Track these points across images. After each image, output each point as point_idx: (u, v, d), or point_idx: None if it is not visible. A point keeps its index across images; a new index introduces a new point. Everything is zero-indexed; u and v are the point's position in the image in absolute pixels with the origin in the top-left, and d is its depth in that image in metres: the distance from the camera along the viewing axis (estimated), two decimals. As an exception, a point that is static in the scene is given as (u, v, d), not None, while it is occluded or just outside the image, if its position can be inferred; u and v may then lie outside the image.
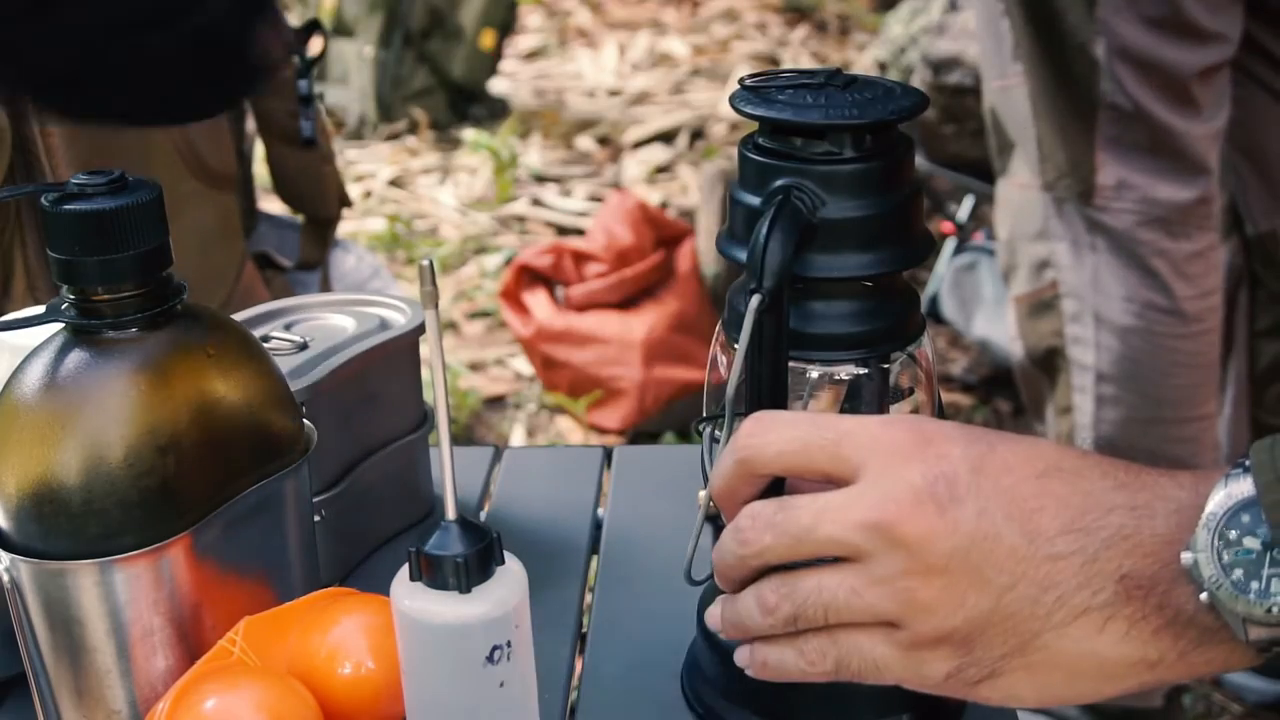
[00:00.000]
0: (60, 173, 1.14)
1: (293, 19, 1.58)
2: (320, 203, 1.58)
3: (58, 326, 0.66)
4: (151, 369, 0.65)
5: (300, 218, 1.61)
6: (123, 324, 0.65)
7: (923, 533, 0.56)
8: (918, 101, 0.64)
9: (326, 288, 1.60)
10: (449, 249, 3.16)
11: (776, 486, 0.62)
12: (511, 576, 0.60)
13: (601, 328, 2.50)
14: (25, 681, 0.69)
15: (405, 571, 0.60)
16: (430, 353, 0.59)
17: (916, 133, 2.63)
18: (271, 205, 1.71)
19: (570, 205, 3.38)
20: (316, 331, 0.87)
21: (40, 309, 0.67)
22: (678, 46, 4.37)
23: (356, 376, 0.84)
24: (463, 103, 3.89)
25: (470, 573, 0.59)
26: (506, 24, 3.91)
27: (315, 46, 1.55)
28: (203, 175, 1.32)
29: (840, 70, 0.66)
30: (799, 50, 4.31)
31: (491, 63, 3.89)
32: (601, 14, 4.78)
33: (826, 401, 0.69)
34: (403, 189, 3.51)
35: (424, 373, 0.91)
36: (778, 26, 4.56)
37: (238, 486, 0.69)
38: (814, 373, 0.67)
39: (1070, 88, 1.51)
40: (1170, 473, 0.58)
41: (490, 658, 0.59)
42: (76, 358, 0.65)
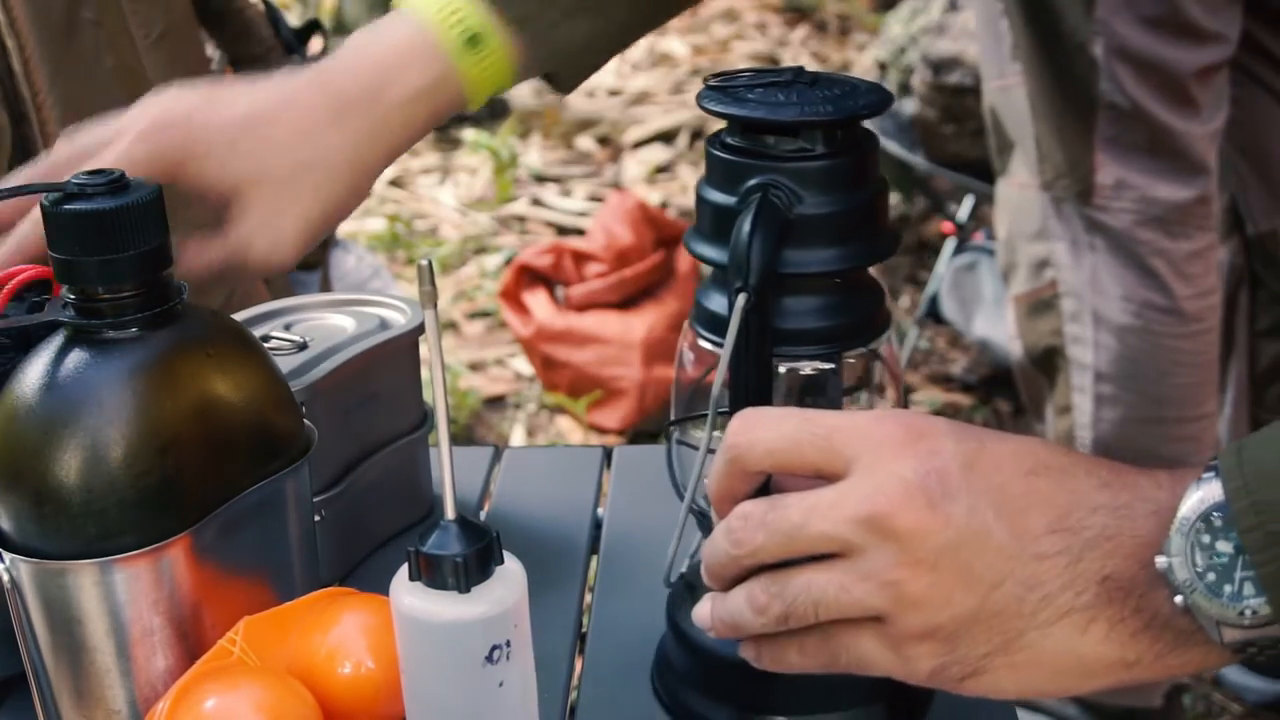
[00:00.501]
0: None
1: (293, 19, 1.58)
2: (320, 203, 1.57)
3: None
4: (151, 369, 0.65)
5: (300, 218, 1.60)
6: (123, 324, 0.65)
7: (913, 526, 0.56)
8: (884, 97, 0.65)
9: (326, 288, 1.60)
10: (449, 249, 3.16)
11: (766, 488, 0.62)
12: (511, 576, 0.60)
13: (601, 328, 2.50)
14: (25, 681, 0.69)
15: (405, 571, 0.60)
16: (430, 353, 0.59)
17: (917, 133, 2.63)
18: (271, 205, 1.71)
19: (570, 205, 3.38)
20: (316, 331, 0.87)
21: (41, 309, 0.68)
22: (678, 46, 4.38)
23: (356, 376, 0.84)
24: (463, 103, 3.89)
25: (469, 572, 0.59)
26: (506, 24, 3.90)
27: (315, 46, 1.55)
28: (203, 175, 1.32)
29: (803, 68, 0.67)
30: (799, 50, 4.31)
31: (492, 63, 3.89)
32: (601, 14, 4.77)
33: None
34: (403, 189, 3.51)
35: (424, 372, 0.91)
36: (778, 26, 4.56)
37: (238, 486, 0.69)
38: (782, 368, 0.68)
39: (1069, 87, 1.51)
40: (1149, 472, 0.58)
41: (489, 657, 0.59)
42: (77, 357, 0.65)
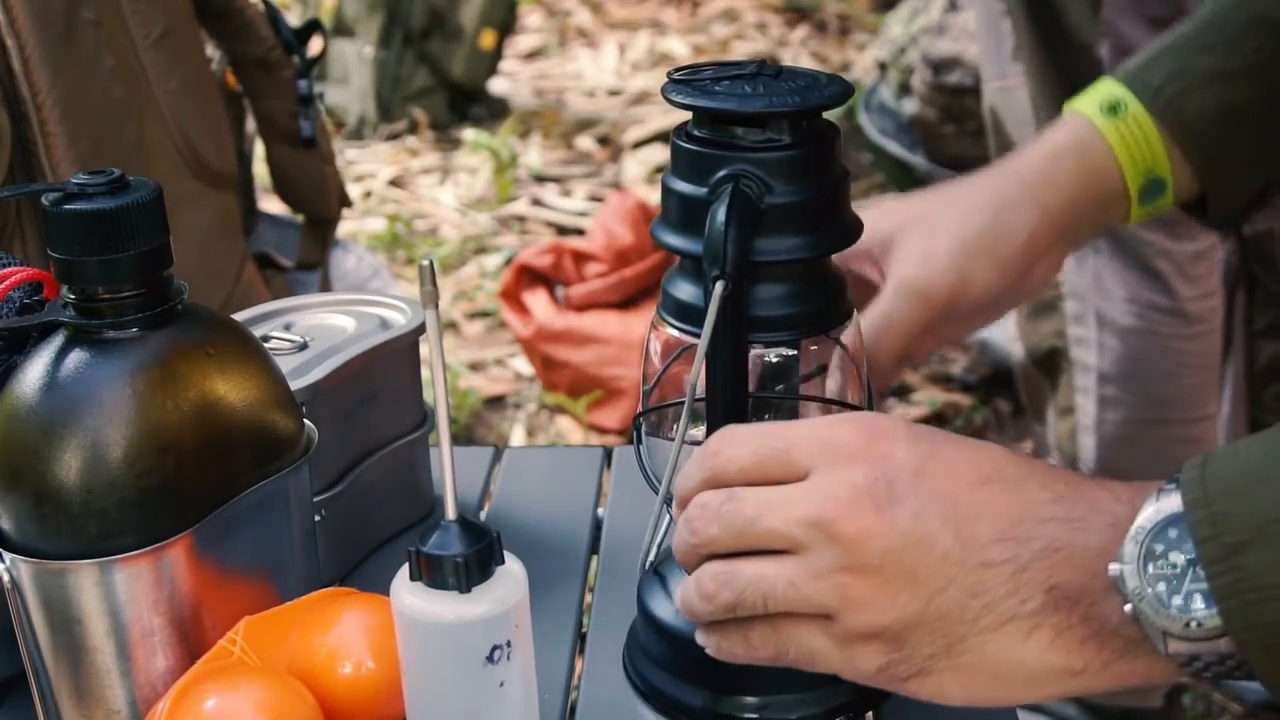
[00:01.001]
0: (60, 172, 1.14)
1: (293, 19, 1.58)
2: (320, 203, 1.58)
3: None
4: (152, 369, 0.65)
5: (300, 218, 1.61)
6: (123, 324, 0.65)
7: (858, 530, 0.57)
8: (846, 88, 0.66)
9: (326, 288, 1.60)
10: (449, 249, 3.16)
11: None
12: (511, 576, 0.61)
13: (601, 328, 2.50)
14: (25, 681, 0.69)
15: (405, 571, 0.60)
16: (430, 353, 0.59)
17: (917, 133, 2.63)
18: (271, 205, 1.71)
19: (570, 205, 3.38)
20: (316, 331, 0.87)
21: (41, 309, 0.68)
22: (678, 46, 4.38)
23: (357, 376, 0.84)
24: (463, 103, 3.89)
25: (470, 572, 0.59)
26: (506, 24, 3.90)
27: (315, 46, 1.55)
28: (203, 175, 1.32)
29: (765, 61, 0.68)
30: (799, 50, 4.31)
31: (491, 63, 3.89)
32: (601, 14, 4.78)
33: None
34: (403, 189, 3.51)
35: (424, 372, 0.91)
36: (778, 26, 4.56)
37: (238, 486, 0.69)
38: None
39: (1072, 89, 1.51)
40: (1109, 485, 0.59)
41: (490, 657, 0.59)
42: (77, 357, 0.65)
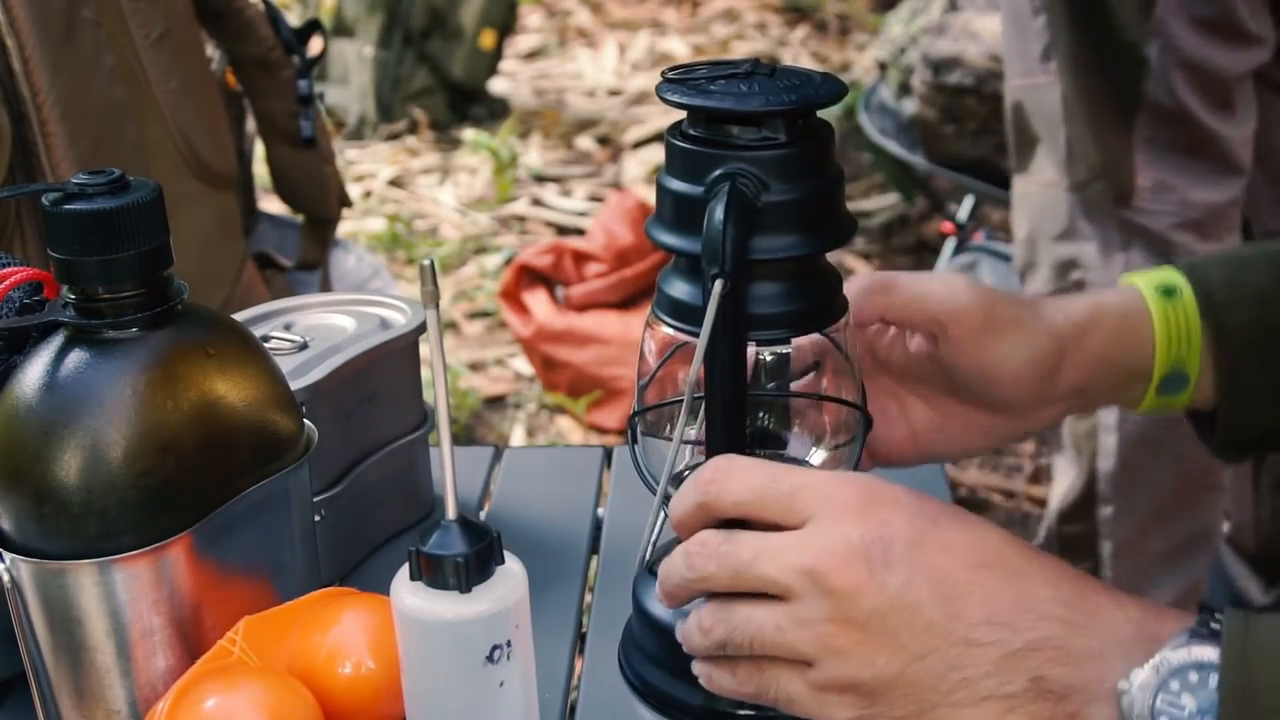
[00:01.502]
0: (60, 173, 1.14)
1: (293, 19, 1.58)
2: (320, 203, 1.58)
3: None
4: (152, 369, 0.65)
5: (300, 218, 1.61)
6: (123, 324, 0.65)
7: (849, 586, 0.59)
8: (841, 86, 0.66)
9: (326, 288, 1.60)
10: (449, 249, 3.16)
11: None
12: (511, 576, 0.60)
13: (601, 328, 2.50)
14: (25, 681, 0.69)
15: (405, 571, 0.60)
16: (431, 353, 0.59)
17: (917, 133, 2.62)
18: (271, 205, 1.71)
19: (570, 205, 3.38)
20: (316, 331, 0.87)
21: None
22: (678, 46, 4.37)
23: (357, 376, 0.84)
24: (463, 103, 3.89)
25: (470, 572, 0.59)
26: (506, 24, 3.90)
27: (315, 46, 1.55)
28: (203, 175, 1.32)
29: (759, 60, 0.68)
30: (799, 50, 4.31)
31: (491, 63, 3.89)
32: (601, 14, 4.78)
33: None
34: (403, 189, 3.51)
35: (424, 372, 0.91)
36: (778, 26, 4.56)
37: (238, 486, 0.69)
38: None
39: (1110, 87, 1.49)
40: (1115, 597, 0.60)
41: (490, 657, 0.59)
42: (77, 357, 0.65)
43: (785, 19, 4.62)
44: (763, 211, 0.65)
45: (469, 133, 3.69)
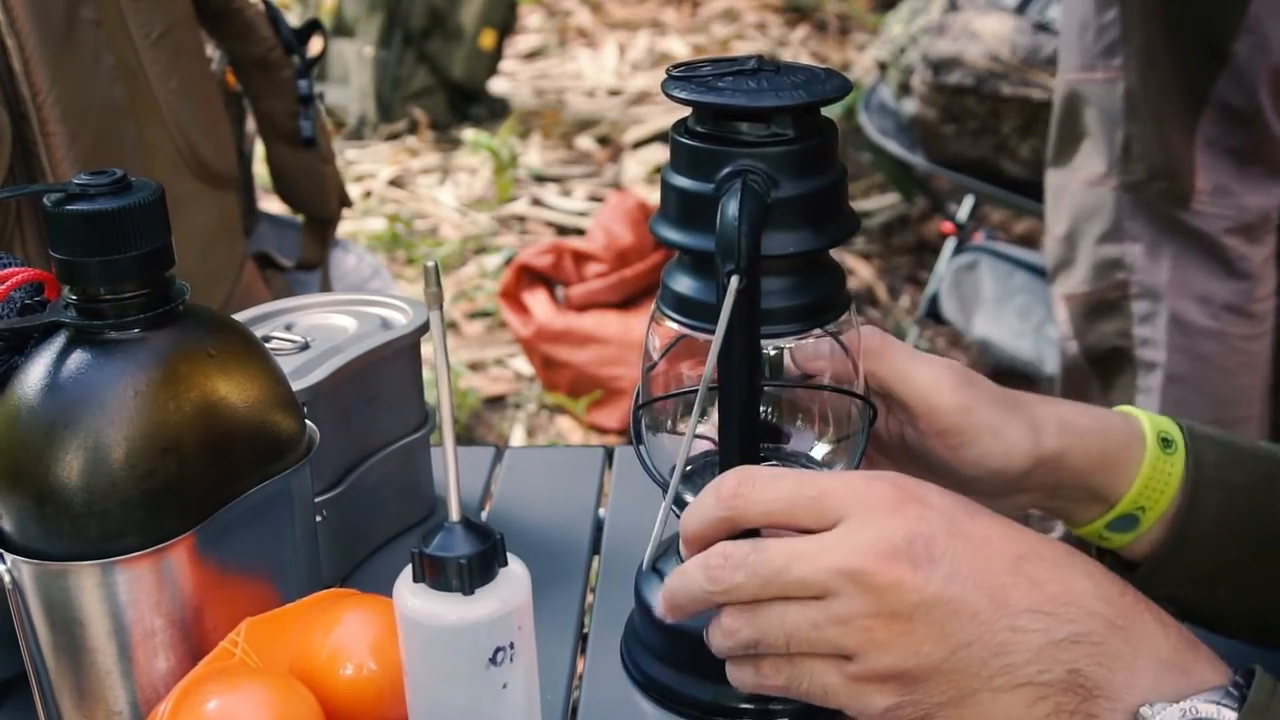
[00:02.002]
0: (60, 173, 1.14)
1: (293, 19, 1.58)
2: (320, 203, 1.57)
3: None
4: (153, 369, 0.65)
5: (300, 218, 1.60)
6: (125, 324, 0.65)
7: (892, 582, 0.59)
8: (846, 82, 0.67)
9: (326, 288, 1.60)
10: (449, 249, 3.16)
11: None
12: (514, 578, 0.60)
13: (601, 328, 2.50)
14: (26, 682, 0.69)
15: (408, 573, 0.60)
16: (435, 354, 0.59)
17: (917, 133, 2.62)
18: (271, 205, 1.71)
19: (570, 205, 3.38)
20: (317, 332, 0.87)
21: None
22: (678, 46, 4.37)
23: (358, 377, 0.84)
24: (463, 103, 3.89)
25: (473, 574, 0.58)
26: (506, 24, 3.90)
27: (315, 46, 1.55)
28: (203, 175, 1.32)
29: (763, 57, 0.68)
30: (799, 50, 4.31)
31: (491, 63, 3.89)
32: (601, 14, 4.78)
33: None
34: (403, 189, 3.51)
35: (425, 373, 0.91)
36: (778, 26, 4.56)
37: (239, 487, 0.69)
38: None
39: (1179, 84, 1.48)
40: (1156, 612, 0.60)
41: (493, 659, 0.59)
42: (78, 358, 0.65)
43: (785, 19, 4.62)
44: (772, 208, 0.65)
45: (469, 133, 3.69)
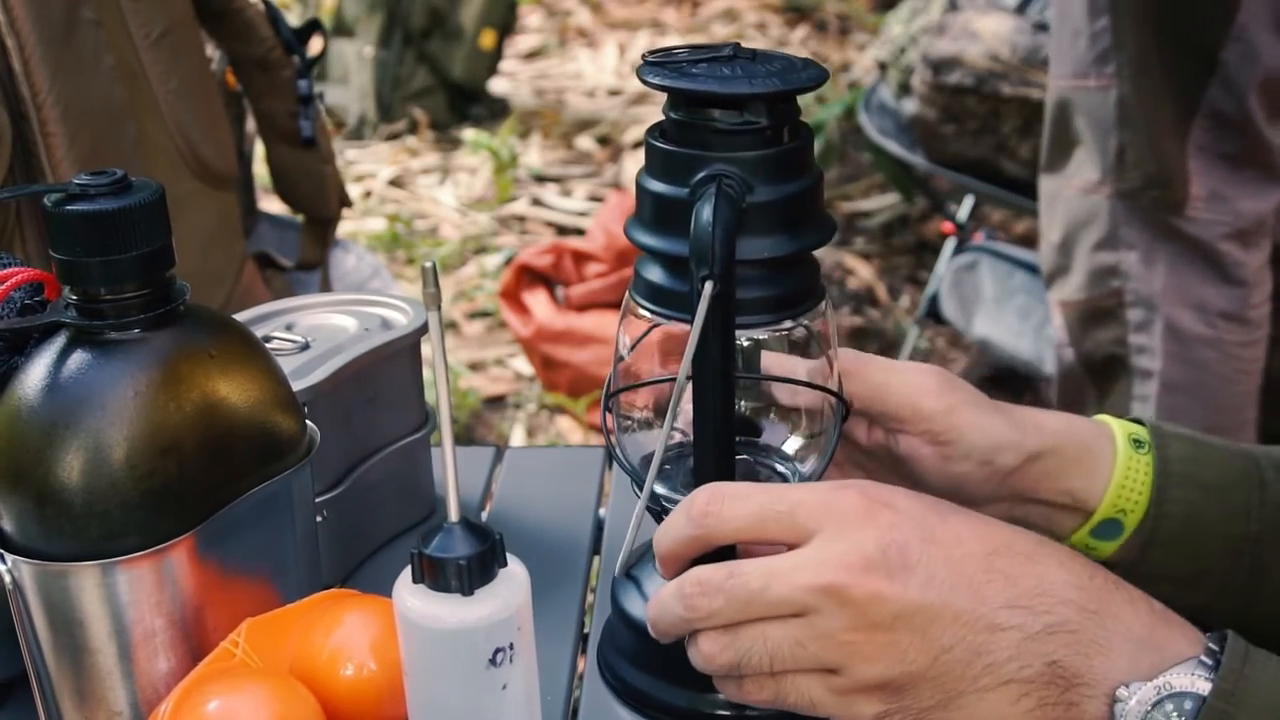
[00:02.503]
0: (60, 173, 1.14)
1: (293, 19, 1.58)
2: (320, 203, 1.57)
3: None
4: (154, 370, 0.65)
5: (300, 218, 1.60)
6: (125, 325, 0.65)
7: (870, 595, 0.59)
8: (822, 71, 0.66)
9: (326, 288, 1.60)
10: (449, 249, 3.16)
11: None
12: (514, 579, 0.60)
13: (601, 328, 2.50)
14: (27, 682, 0.69)
15: (408, 573, 0.60)
16: (433, 354, 0.59)
17: (916, 133, 2.62)
18: (271, 205, 1.71)
19: (570, 205, 3.38)
20: (318, 332, 0.87)
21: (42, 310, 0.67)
22: (677, 46, 4.37)
23: (358, 377, 0.84)
24: (463, 103, 3.89)
25: (473, 575, 0.58)
26: (506, 24, 3.90)
27: (315, 46, 1.55)
28: (203, 175, 1.32)
29: (740, 44, 0.68)
30: (799, 50, 4.30)
31: (491, 63, 3.89)
32: (601, 14, 4.78)
33: None
34: (403, 189, 3.51)
35: (425, 373, 0.91)
36: (778, 26, 4.56)
37: (240, 487, 0.69)
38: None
39: (1171, 91, 1.48)
40: (1127, 591, 0.61)
41: (493, 660, 0.59)
42: (79, 358, 0.65)
43: (785, 19, 4.62)
44: (747, 212, 0.65)
45: (469, 133, 3.69)
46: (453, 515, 0.59)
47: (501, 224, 3.30)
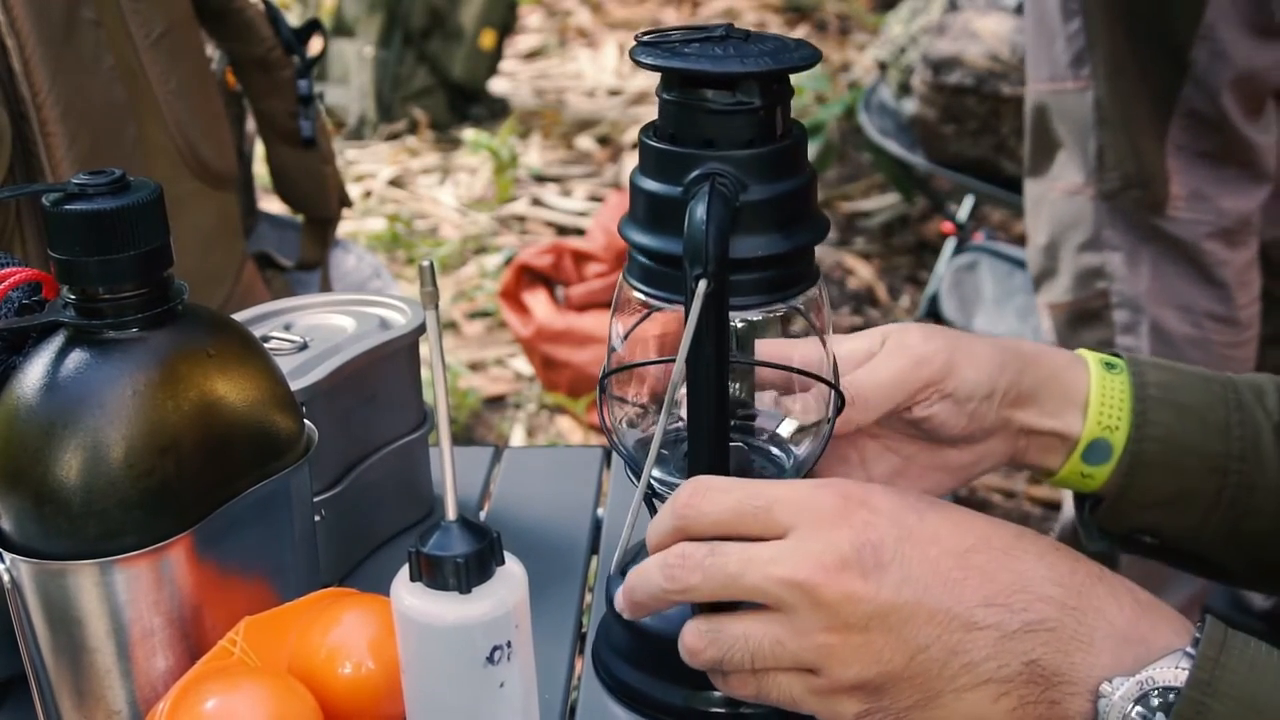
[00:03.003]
0: (60, 173, 1.14)
1: (293, 19, 1.58)
2: (320, 203, 1.57)
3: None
4: (152, 369, 0.65)
5: (300, 218, 1.61)
6: (123, 324, 0.65)
7: (843, 595, 0.59)
8: (814, 51, 0.67)
9: (326, 288, 1.60)
10: (449, 249, 3.16)
11: None
12: (512, 577, 0.60)
13: (601, 328, 2.50)
14: (25, 681, 0.69)
15: (405, 572, 0.60)
16: (432, 354, 0.59)
17: (916, 133, 2.63)
18: (271, 205, 1.71)
19: (570, 205, 3.38)
20: (317, 331, 0.87)
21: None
22: (678, 46, 4.37)
23: (357, 376, 0.84)
24: (463, 103, 3.89)
25: (470, 573, 0.59)
26: (506, 24, 3.91)
27: (315, 46, 1.55)
28: (203, 175, 1.32)
29: (733, 25, 0.68)
30: (799, 50, 4.31)
31: (491, 63, 3.89)
32: (601, 14, 4.78)
33: None
34: (403, 189, 3.51)
35: (424, 372, 0.91)
36: (778, 26, 4.57)
37: (238, 487, 0.69)
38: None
39: (1146, 92, 1.48)
40: (1109, 584, 0.61)
41: (490, 658, 0.59)
42: (77, 358, 0.65)
43: (785, 19, 4.62)
44: (741, 211, 0.65)
45: (469, 133, 3.69)
46: (450, 514, 0.59)
47: (501, 224, 3.31)
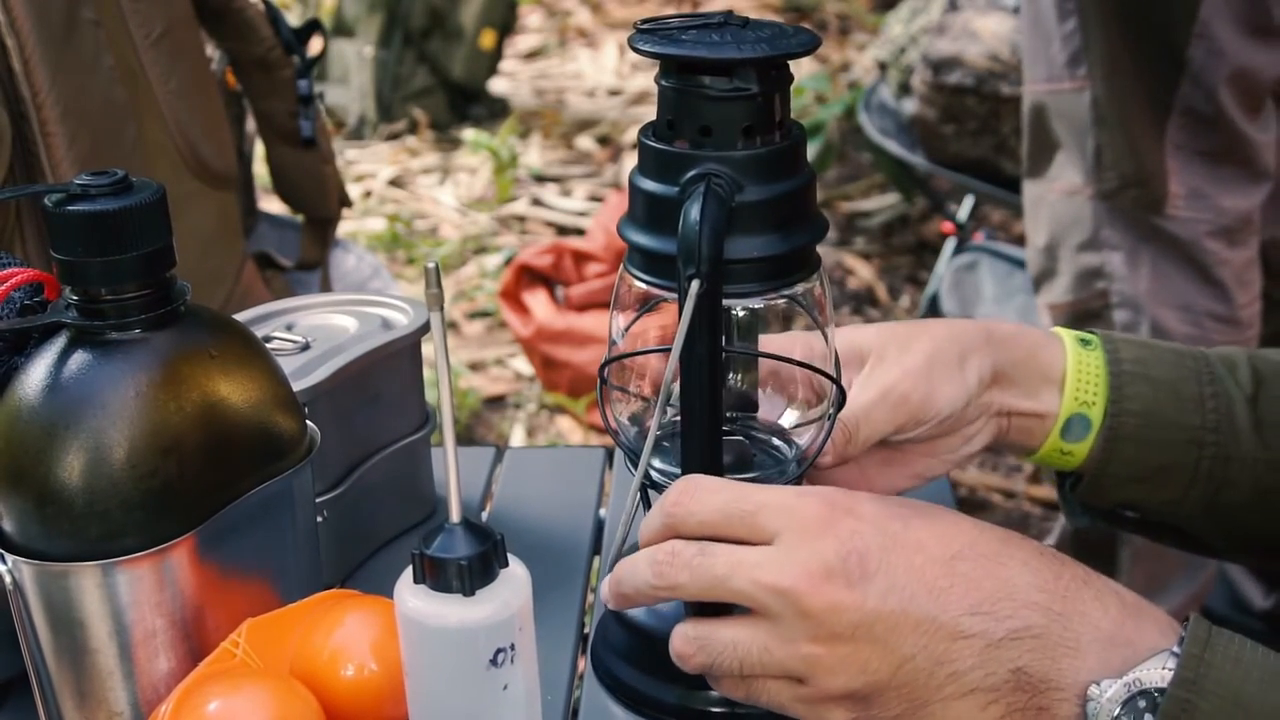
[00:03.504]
0: (61, 173, 1.14)
1: (293, 19, 1.58)
2: (320, 203, 1.57)
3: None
4: (154, 370, 0.65)
5: (300, 218, 1.60)
6: (126, 325, 0.65)
7: (828, 605, 0.59)
8: (813, 38, 0.66)
9: (327, 288, 1.60)
10: (449, 249, 3.16)
11: None
12: (515, 579, 0.60)
13: (601, 328, 2.50)
14: (27, 683, 0.69)
15: (409, 574, 0.60)
16: (436, 355, 0.59)
17: (916, 133, 2.62)
18: (271, 205, 1.71)
19: (570, 205, 3.38)
20: (318, 332, 0.87)
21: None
22: (677, 46, 4.37)
23: (359, 377, 0.84)
24: (463, 103, 3.89)
25: (474, 575, 0.58)
26: (506, 24, 3.90)
27: (315, 46, 1.55)
28: (203, 175, 1.32)
29: (732, 12, 0.68)
30: (799, 50, 4.31)
31: (491, 63, 3.89)
32: (601, 14, 4.78)
33: None
34: (403, 189, 3.51)
35: (426, 373, 0.91)
36: (777, 26, 4.56)
37: (240, 488, 0.69)
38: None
39: (1143, 91, 1.48)
40: (1095, 588, 0.61)
41: (494, 661, 0.59)
42: (79, 359, 0.65)
43: (785, 19, 4.61)
44: (737, 211, 0.65)
45: (469, 133, 3.69)
46: (454, 515, 0.59)
47: (501, 224, 3.30)
